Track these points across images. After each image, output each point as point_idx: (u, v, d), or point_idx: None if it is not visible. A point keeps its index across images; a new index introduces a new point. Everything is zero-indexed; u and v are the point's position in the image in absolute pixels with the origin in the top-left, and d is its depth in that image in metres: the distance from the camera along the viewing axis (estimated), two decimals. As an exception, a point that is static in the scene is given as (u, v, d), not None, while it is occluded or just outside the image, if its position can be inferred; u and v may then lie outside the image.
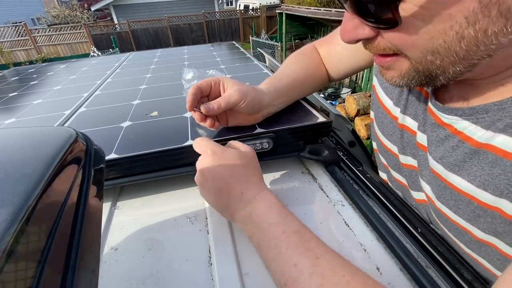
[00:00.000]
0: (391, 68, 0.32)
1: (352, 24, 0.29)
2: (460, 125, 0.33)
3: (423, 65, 0.28)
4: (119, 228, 0.43)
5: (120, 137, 0.52)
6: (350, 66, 0.61)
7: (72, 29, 10.40)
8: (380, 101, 0.48)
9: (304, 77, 0.60)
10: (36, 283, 0.15)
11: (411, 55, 0.28)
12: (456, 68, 0.27)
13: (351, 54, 0.59)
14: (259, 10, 12.10)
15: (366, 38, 0.30)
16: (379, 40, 0.29)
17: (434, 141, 0.36)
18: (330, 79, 0.66)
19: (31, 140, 0.25)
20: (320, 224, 0.41)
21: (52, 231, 0.18)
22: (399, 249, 0.35)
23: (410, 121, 0.42)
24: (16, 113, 0.72)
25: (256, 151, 0.50)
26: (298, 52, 0.66)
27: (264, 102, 0.51)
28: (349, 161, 0.53)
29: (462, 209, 0.34)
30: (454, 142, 0.34)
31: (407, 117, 0.42)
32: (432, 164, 0.37)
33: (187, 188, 0.51)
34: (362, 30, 0.29)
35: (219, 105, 0.47)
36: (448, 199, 0.35)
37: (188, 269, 0.36)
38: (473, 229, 0.33)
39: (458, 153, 0.33)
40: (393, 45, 0.29)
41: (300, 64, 0.62)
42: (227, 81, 0.50)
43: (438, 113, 0.35)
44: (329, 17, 5.22)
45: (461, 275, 0.33)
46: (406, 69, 0.30)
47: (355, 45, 0.57)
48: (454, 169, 0.34)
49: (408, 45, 0.27)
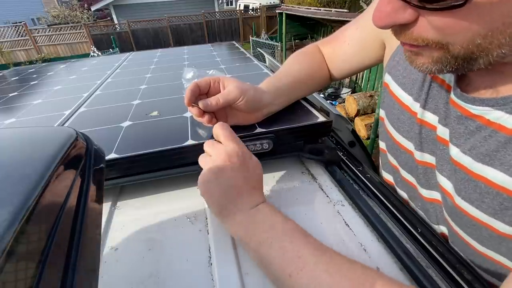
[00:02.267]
0: (420, 54, 0.31)
1: (392, 7, 0.28)
2: (493, 115, 0.32)
3: (467, 50, 0.27)
4: (119, 228, 0.43)
5: (120, 137, 0.52)
6: (356, 65, 0.61)
7: (72, 29, 10.40)
8: (396, 97, 0.48)
9: (305, 76, 0.60)
10: (36, 283, 0.15)
11: (455, 41, 0.27)
12: (501, 50, 0.26)
13: (358, 52, 0.59)
14: (259, 10, 12.09)
15: (405, 23, 0.28)
16: (416, 27, 0.28)
17: (463, 134, 0.35)
18: (332, 78, 0.66)
19: (31, 140, 0.25)
20: (320, 224, 0.41)
21: (52, 231, 0.18)
22: (399, 249, 0.35)
23: (430, 116, 0.41)
24: (16, 113, 0.72)
25: (256, 151, 0.50)
26: (300, 52, 0.66)
27: (264, 101, 0.51)
28: (349, 161, 0.53)
29: (486, 202, 0.33)
30: (487, 132, 0.33)
31: (427, 112, 0.42)
32: (458, 157, 0.36)
33: (187, 188, 0.51)
34: (402, 13, 0.28)
35: (218, 101, 0.47)
36: (471, 192, 0.35)
37: (188, 269, 0.36)
38: (496, 223, 0.33)
39: (490, 143, 0.32)
40: (436, 31, 0.27)
41: (302, 64, 0.62)
42: (227, 80, 0.50)
43: (465, 105, 0.35)
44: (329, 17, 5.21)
45: (461, 275, 0.33)
46: (439, 55, 0.29)
47: (365, 42, 0.57)
48: (485, 159, 0.33)
49: (457, 30, 0.26)
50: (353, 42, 0.59)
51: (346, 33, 0.61)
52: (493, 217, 0.33)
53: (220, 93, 0.48)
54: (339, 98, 4.89)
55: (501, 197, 0.32)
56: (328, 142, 0.60)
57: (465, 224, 0.37)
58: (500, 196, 0.32)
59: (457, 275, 0.32)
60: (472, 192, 0.35)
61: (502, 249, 0.34)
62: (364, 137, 3.74)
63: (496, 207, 0.32)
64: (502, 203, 0.32)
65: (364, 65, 0.61)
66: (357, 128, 3.92)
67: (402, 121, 0.46)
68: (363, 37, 0.57)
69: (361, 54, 0.59)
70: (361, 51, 0.58)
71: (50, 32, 10.25)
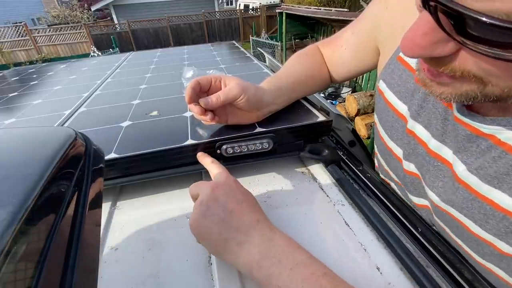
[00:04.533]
0: (445, 85, 0.28)
1: (430, 40, 0.24)
2: (505, 136, 0.31)
3: (503, 93, 0.25)
4: (119, 228, 0.43)
5: (120, 137, 0.52)
6: (354, 69, 0.60)
7: (72, 29, 10.41)
8: (390, 105, 0.47)
9: (306, 77, 0.60)
10: (35, 284, 0.15)
11: (498, 82, 0.25)
12: None
13: (355, 57, 0.58)
14: (259, 10, 12.08)
15: (444, 56, 0.25)
16: (457, 60, 0.25)
17: (474, 152, 0.34)
18: (332, 80, 0.65)
19: (30, 140, 0.25)
20: (320, 223, 0.41)
21: (51, 231, 0.18)
22: (399, 248, 0.35)
23: (421, 130, 0.40)
24: (16, 113, 0.72)
25: (256, 150, 0.50)
26: (300, 52, 0.66)
27: (264, 100, 0.51)
28: (349, 161, 0.53)
29: (491, 223, 0.32)
30: (497, 153, 0.31)
31: (418, 125, 0.41)
32: (464, 175, 0.34)
33: (187, 188, 0.50)
34: (443, 46, 0.24)
35: (218, 98, 0.47)
36: (475, 212, 0.33)
37: (188, 269, 0.36)
38: (500, 243, 0.32)
39: (499, 165, 0.31)
40: (479, 68, 0.24)
41: (302, 65, 0.62)
42: (228, 78, 0.50)
43: (475, 124, 0.33)
44: (329, 17, 5.21)
45: (462, 274, 0.33)
46: (470, 89, 0.26)
47: (360, 47, 0.56)
48: (493, 182, 0.31)
49: (503, 75, 0.24)
50: (349, 47, 0.59)
51: (343, 36, 0.60)
52: (497, 238, 0.32)
53: (221, 91, 0.48)
54: (339, 97, 4.89)
55: (508, 221, 0.31)
56: (328, 142, 0.59)
57: (466, 238, 0.36)
58: (507, 220, 0.31)
59: (458, 275, 0.32)
60: (476, 212, 0.33)
61: (503, 265, 0.33)
62: (365, 137, 3.74)
63: (501, 229, 0.31)
64: (508, 226, 0.31)
65: (361, 70, 0.60)
66: (357, 127, 3.92)
67: (395, 129, 0.46)
68: (358, 42, 0.56)
69: (357, 59, 0.58)
70: (356, 56, 0.58)
71: (50, 32, 10.26)
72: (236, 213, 0.34)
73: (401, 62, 0.44)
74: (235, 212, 0.34)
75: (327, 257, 0.34)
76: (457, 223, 0.36)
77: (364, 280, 0.33)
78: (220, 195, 0.35)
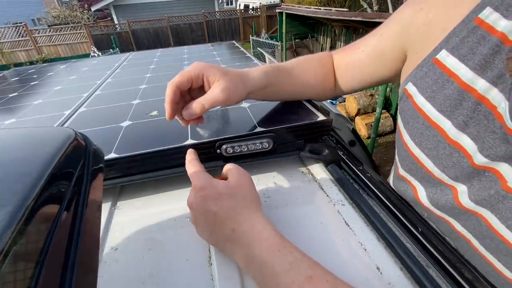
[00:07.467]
0: None
1: None
2: None
3: None
4: (119, 228, 0.43)
5: (120, 137, 0.52)
6: (367, 78, 0.56)
7: (73, 30, 10.41)
8: (421, 111, 0.43)
9: (301, 86, 0.58)
10: (35, 284, 0.15)
11: None
12: None
13: (373, 62, 0.53)
14: (259, 10, 12.09)
15: None
16: None
17: None
18: (337, 89, 0.60)
19: (30, 141, 0.25)
20: (320, 223, 0.41)
21: (51, 231, 0.18)
22: (399, 248, 0.35)
23: (468, 141, 0.37)
24: (16, 113, 0.72)
25: (256, 150, 0.50)
26: (311, 57, 0.62)
27: (249, 95, 0.51)
28: (349, 161, 0.53)
29: None
30: None
31: (464, 135, 0.37)
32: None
33: (187, 188, 0.51)
34: None
35: (203, 108, 0.45)
36: None
37: (188, 269, 0.36)
38: None
39: None
40: None
41: (302, 62, 0.60)
42: (212, 75, 0.46)
43: None
44: (330, 17, 5.20)
45: (462, 274, 0.32)
46: None
47: (382, 51, 0.52)
48: None
49: None
50: (368, 49, 0.53)
51: (364, 40, 0.55)
52: None
53: (205, 98, 0.45)
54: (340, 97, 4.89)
55: None
56: (328, 141, 0.59)
57: (502, 249, 0.35)
58: None
59: (458, 275, 0.32)
60: None
61: None
62: (365, 137, 3.74)
63: None
64: None
65: (374, 80, 0.55)
66: (357, 127, 3.92)
67: (426, 137, 0.42)
68: (381, 45, 0.51)
69: (375, 65, 0.53)
70: (375, 62, 0.52)
71: (50, 32, 10.27)
72: (219, 224, 0.35)
73: (438, 66, 0.40)
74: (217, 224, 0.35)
75: (327, 257, 0.34)
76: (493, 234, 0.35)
77: (364, 280, 0.33)
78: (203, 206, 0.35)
